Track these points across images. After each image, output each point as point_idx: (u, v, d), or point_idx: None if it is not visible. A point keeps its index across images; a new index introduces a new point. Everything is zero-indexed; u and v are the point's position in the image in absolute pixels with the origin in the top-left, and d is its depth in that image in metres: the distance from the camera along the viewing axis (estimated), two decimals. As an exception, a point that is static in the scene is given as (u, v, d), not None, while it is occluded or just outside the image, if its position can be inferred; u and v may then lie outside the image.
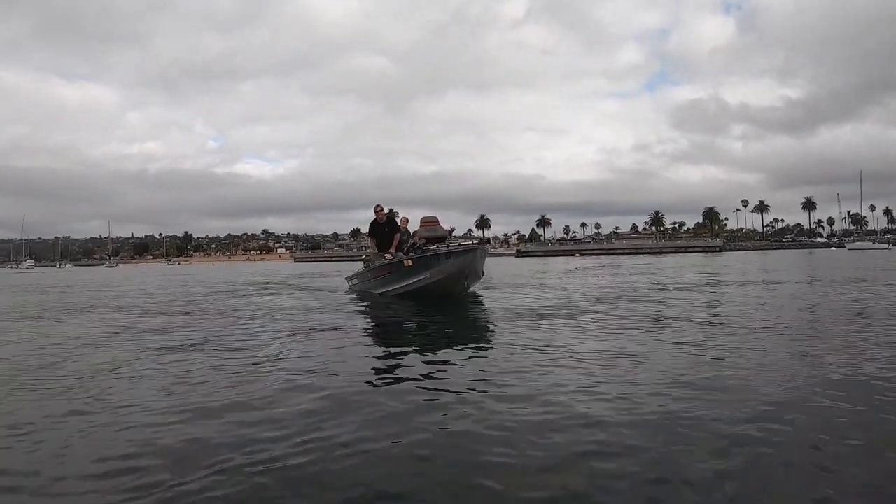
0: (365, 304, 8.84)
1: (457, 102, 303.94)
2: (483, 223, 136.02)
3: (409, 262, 8.68)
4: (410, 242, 9.68)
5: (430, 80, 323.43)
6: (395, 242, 9.77)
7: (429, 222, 9.69)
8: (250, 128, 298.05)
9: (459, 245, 8.81)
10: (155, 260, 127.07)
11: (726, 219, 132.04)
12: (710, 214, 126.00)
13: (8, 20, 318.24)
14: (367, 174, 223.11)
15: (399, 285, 8.94)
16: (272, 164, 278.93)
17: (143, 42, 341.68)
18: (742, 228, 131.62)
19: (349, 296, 10.41)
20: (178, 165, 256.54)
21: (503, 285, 12.31)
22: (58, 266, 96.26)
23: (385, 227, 10.05)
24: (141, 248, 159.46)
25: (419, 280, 8.55)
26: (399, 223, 10.28)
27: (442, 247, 8.75)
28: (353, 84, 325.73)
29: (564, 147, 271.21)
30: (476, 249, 8.42)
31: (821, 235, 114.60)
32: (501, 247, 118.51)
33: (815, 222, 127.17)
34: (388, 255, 9.60)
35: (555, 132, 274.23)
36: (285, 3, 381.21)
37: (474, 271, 8.77)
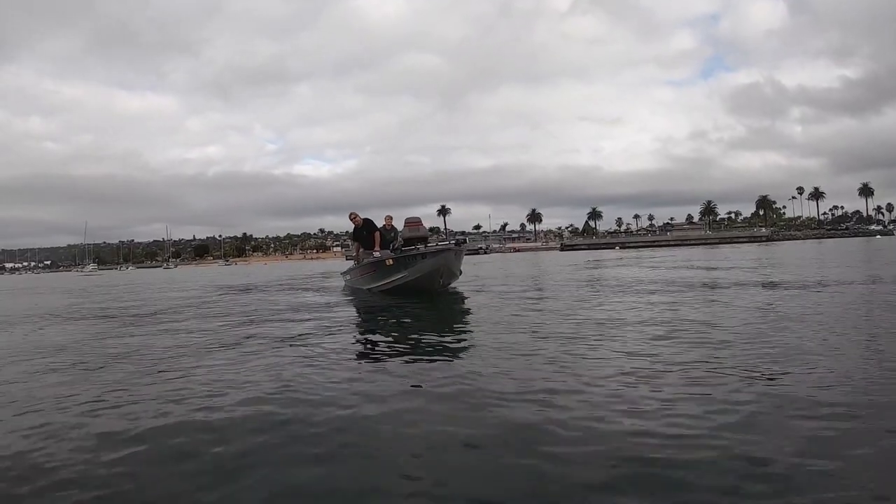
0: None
1: (510, 95, 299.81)
2: (535, 217, 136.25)
3: (391, 262, 9.61)
4: (398, 241, 10.71)
5: (483, 74, 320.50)
6: (376, 240, 10.76)
7: (412, 223, 10.65)
8: (308, 129, 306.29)
9: (437, 245, 9.72)
10: (214, 261, 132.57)
11: (784, 207, 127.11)
12: (764, 203, 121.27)
13: (67, 34, 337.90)
14: (423, 170, 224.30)
15: (383, 282, 9.88)
16: (330, 163, 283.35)
17: (197, 49, 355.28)
18: (799, 217, 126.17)
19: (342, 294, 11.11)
20: (239, 168, 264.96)
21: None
22: (119, 269, 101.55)
23: (363, 231, 11.03)
24: (201, 250, 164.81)
25: (400, 277, 9.45)
26: (384, 221, 11.27)
27: (421, 247, 9.64)
28: (407, 82, 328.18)
29: (620, 137, 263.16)
30: (450, 250, 9.17)
31: (879, 222, 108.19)
32: (554, 241, 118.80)
33: (874, 208, 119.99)
34: (376, 253, 10.46)
35: (610, 122, 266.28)
36: (335, 5, 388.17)
37: (449, 270, 9.56)
